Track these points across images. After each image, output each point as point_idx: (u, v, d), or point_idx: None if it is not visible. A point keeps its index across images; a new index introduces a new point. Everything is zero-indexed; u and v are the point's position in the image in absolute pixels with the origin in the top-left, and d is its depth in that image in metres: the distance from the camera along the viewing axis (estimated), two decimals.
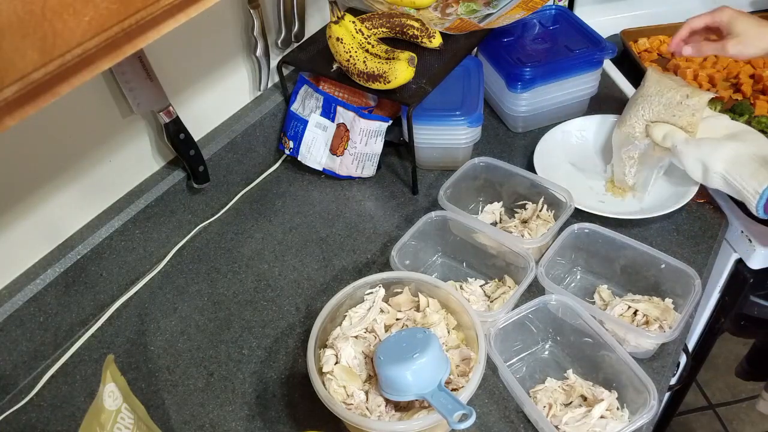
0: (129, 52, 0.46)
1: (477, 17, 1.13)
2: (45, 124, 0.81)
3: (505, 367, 0.77)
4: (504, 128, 1.20)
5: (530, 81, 1.10)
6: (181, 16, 0.49)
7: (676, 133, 0.95)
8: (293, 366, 0.87)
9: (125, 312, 0.95)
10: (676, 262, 0.85)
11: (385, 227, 1.04)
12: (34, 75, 0.40)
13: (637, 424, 0.72)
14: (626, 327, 0.81)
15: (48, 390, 0.86)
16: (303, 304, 0.94)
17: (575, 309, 0.81)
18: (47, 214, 0.86)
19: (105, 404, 0.65)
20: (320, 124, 1.08)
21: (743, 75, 1.26)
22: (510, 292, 0.88)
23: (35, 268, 0.87)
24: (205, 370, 0.87)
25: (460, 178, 0.99)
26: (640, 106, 1.01)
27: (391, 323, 0.82)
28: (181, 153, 0.97)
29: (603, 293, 0.90)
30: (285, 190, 1.13)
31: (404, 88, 0.99)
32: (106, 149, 0.91)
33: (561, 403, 0.79)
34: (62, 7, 0.39)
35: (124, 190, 0.97)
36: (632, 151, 1.02)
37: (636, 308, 0.84)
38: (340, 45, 0.98)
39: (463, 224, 0.93)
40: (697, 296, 0.82)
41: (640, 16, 1.41)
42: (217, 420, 0.82)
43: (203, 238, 1.05)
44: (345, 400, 0.74)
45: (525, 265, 0.86)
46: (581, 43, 1.15)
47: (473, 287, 0.91)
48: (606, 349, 0.78)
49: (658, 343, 0.83)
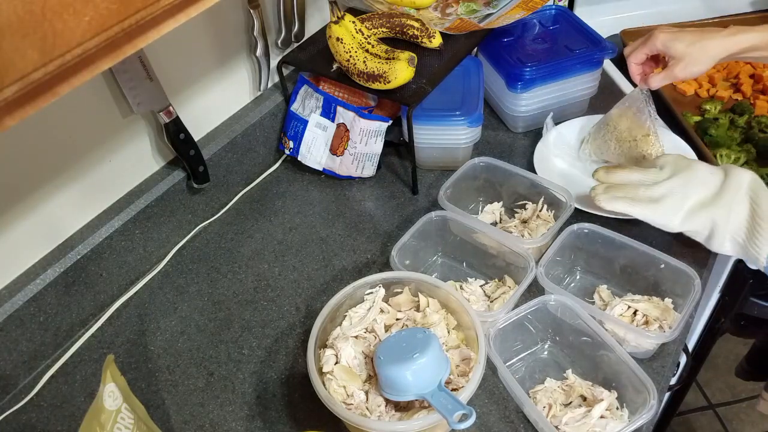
0: (129, 52, 0.46)
1: (477, 17, 1.13)
2: (45, 124, 0.81)
3: (504, 367, 0.77)
4: (504, 128, 1.20)
5: (530, 81, 1.10)
6: (182, 16, 0.49)
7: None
8: (293, 366, 0.87)
9: (125, 312, 0.95)
10: (675, 262, 0.85)
11: (385, 227, 1.04)
12: (34, 75, 0.40)
13: (636, 424, 0.72)
14: (626, 327, 0.81)
15: (48, 390, 0.86)
16: (303, 304, 0.94)
17: (574, 309, 0.81)
18: (47, 214, 0.86)
19: (105, 404, 0.65)
20: (320, 124, 1.08)
21: (743, 75, 1.26)
22: (510, 292, 0.88)
23: (35, 267, 0.87)
24: (205, 370, 0.87)
25: (460, 178, 0.99)
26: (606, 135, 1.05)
27: (391, 323, 0.82)
28: (181, 153, 0.97)
29: (603, 293, 0.90)
30: (285, 190, 1.13)
31: (404, 88, 0.99)
32: (106, 149, 0.91)
33: (561, 403, 0.79)
34: (62, 7, 0.39)
35: (124, 190, 0.97)
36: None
37: (636, 308, 0.84)
38: (340, 45, 0.98)
39: (463, 224, 0.93)
40: (696, 296, 0.82)
41: (640, 16, 1.41)
42: (217, 420, 0.82)
43: (203, 238, 1.05)
44: (345, 400, 0.74)
45: (525, 265, 0.86)
46: (581, 43, 1.15)
47: (473, 287, 0.91)
48: (605, 349, 0.78)
49: (658, 343, 0.83)
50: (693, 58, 0.91)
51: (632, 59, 0.98)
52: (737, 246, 0.83)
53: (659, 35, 0.94)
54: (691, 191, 0.86)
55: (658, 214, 0.87)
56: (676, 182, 0.87)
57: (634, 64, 0.98)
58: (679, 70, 0.92)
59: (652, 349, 0.83)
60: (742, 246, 0.82)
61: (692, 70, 0.92)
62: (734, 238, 0.83)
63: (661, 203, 0.87)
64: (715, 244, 0.85)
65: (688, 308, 0.81)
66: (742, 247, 0.82)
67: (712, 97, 1.24)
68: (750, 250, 0.81)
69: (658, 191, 0.87)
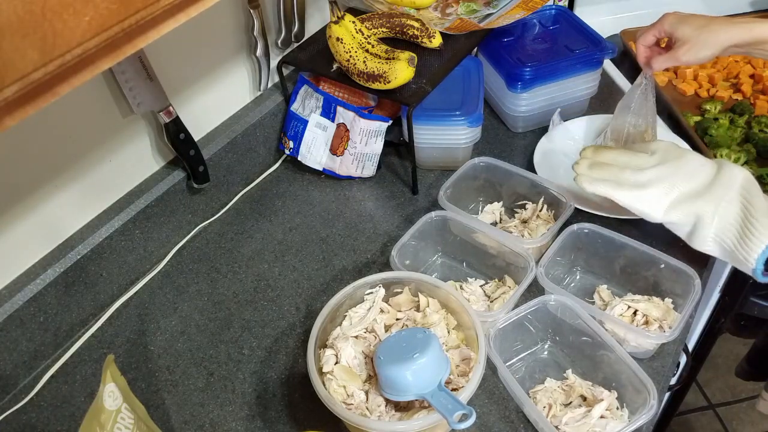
0: (129, 52, 0.46)
1: (477, 17, 1.13)
2: (45, 124, 0.81)
3: (504, 367, 0.77)
4: (504, 128, 1.20)
5: (530, 81, 1.10)
6: (182, 15, 0.49)
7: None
8: (293, 366, 0.87)
9: (125, 312, 0.95)
10: (675, 262, 0.84)
11: (385, 227, 1.04)
12: (34, 75, 0.40)
13: (637, 424, 0.72)
14: (626, 327, 0.81)
15: (48, 390, 0.86)
16: (303, 304, 0.94)
17: (574, 309, 0.81)
18: (47, 214, 0.86)
19: (105, 404, 0.65)
20: (320, 124, 1.08)
21: (743, 75, 1.26)
22: (510, 292, 0.88)
23: (35, 267, 0.87)
24: (205, 370, 0.87)
25: (460, 178, 0.99)
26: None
27: (391, 323, 0.82)
28: (181, 153, 0.97)
29: (603, 293, 0.89)
30: (285, 190, 1.13)
31: (404, 88, 0.99)
32: (106, 149, 0.91)
33: (561, 403, 0.79)
34: (62, 7, 0.39)
35: (124, 190, 0.97)
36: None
37: (636, 308, 0.84)
38: (340, 45, 0.98)
39: (463, 224, 0.93)
40: (696, 296, 0.82)
41: (640, 15, 1.41)
42: (217, 420, 0.82)
43: (203, 238, 1.05)
44: (345, 400, 0.74)
45: (525, 265, 0.86)
46: (581, 43, 1.14)
47: (473, 287, 0.91)
48: (605, 348, 0.78)
49: (658, 343, 0.83)
50: (700, 42, 0.87)
51: (640, 41, 0.95)
52: (721, 247, 0.79)
53: (668, 17, 0.91)
54: (678, 181, 0.81)
55: (641, 201, 0.82)
56: (665, 170, 0.82)
57: (642, 47, 0.95)
58: (683, 53, 0.88)
59: (652, 349, 0.83)
60: (729, 248, 0.78)
61: (697, 54, 0.87)
62: (719, 236, 0.79)
63: (645, 190, 0.82)
64: (697, 240, 0.81)
65: (688, 308, 0.81)
66: (729, 250, 0.79)
67: (712, 97, 1.24)
68: (738, 252, 0.77)
69: (644, 177, 0.83)
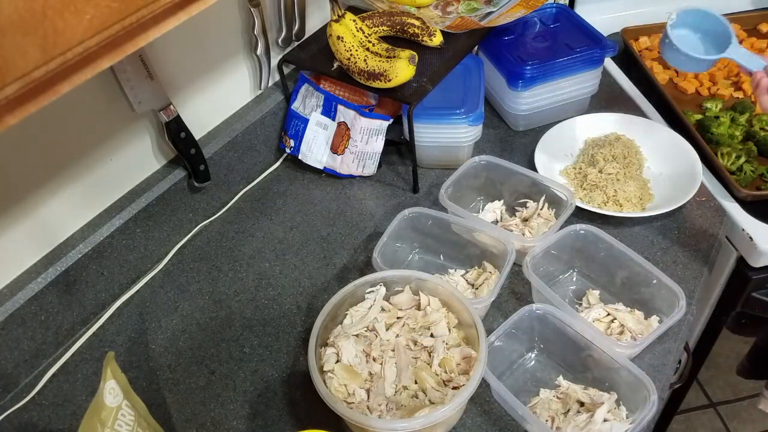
0: (130, 51, 0.46)
1: (478, 15, 1.13)
2: (46, 122, 0.81)
3: (502, 386, 0.75)
4: (505, 127, 1.20)
5: (531, 79, 1.10)
6: (182, 14, 0.49)
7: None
8: (294, 364, 0.87)
9: (126, 311, 0.95)
10: (666, 279, 0.83)
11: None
12: (36, 73, 0.40)
13: (641, 423, 0.71)
14: (594, 331, 0.80)
15: (49, 389, 0.86)
16: (304, 302, 0.94)
17: (555, 314, 0.80)
18: (48, 212, 0.86)
19: (106, 401, 0.65)
20: (321, 123, 1.08)
21: (744, 73, 1.25)
22: (492, 276, 0.89)
23: (36, 266, 0.87)
24: (206, 369, 0.87)
25: (461, 177, 0.99)
26: None
27: (391, 322, 0.82)
28: (182, 152, 0.97)
29: (591, 297, 0.89)
30: (286, 188, 1.13)
31: (405, 86, 0.99)
32: (106, 148, 0.91)
33: (561, 413, 0.78)
34: (63, 5, 0.39)
35: (125, 188, 0.97)
36: None
37: (615, 316, 0.84)
38: (340, 43, 0.98)
39: (438, 219, 0.93)
40: (678, 314, 0.80)
41: (641, 14, 1.41)
42: (218, 418, 0.82)
43: (204, 236, 1.05)
44: (346, 399, 0.74)
45: (502, 249, 0.88)
46: (582, 42, 1.14)
47: (456, 278, 0.91)
48: (592, 349, 0.77)
49: (626, 354, 0.80)
50: None
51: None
52: None
53: None
54: None
55: None
56: None
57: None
58: None
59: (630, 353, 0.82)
60: None
61: None
62: None
63: None
64: None
65: (665, 325, 0.80)
66: None
67: (713, 95, 1.24)
68: None
69: None
